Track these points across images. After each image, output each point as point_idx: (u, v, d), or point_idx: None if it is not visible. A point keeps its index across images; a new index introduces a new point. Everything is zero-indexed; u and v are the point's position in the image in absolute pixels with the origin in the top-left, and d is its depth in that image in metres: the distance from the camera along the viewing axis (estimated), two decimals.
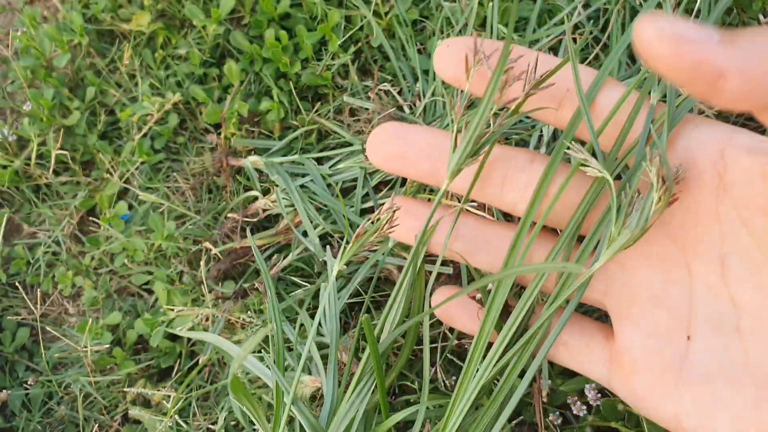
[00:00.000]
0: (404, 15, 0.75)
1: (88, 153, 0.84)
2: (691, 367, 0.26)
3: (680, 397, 0.26)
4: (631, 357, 0.28)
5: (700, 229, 0.27)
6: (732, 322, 0.26)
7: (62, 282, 0.78)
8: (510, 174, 0.32)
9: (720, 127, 0.27)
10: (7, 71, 0.90)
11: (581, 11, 0.70)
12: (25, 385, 0.77)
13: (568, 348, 0.31)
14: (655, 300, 0.28)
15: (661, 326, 0.27)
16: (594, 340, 0.30)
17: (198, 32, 0.83)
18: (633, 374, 0.28)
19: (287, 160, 0.73)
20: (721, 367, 0.25)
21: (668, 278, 0.28)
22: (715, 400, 0.25)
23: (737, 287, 0.26)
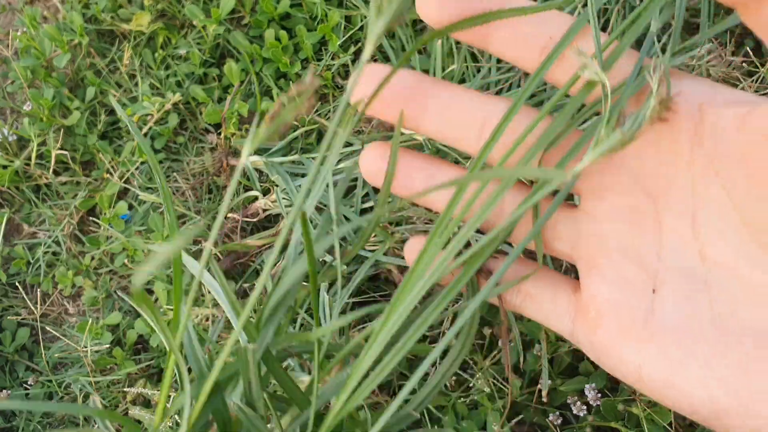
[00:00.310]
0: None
1: (88, 153, 0.84)
2: (656, 320, 0.26)
3: (644, 348, 0.26)
4: (597, 308, 0.27)
5: (673, 182, 0.26)
6: (701, 276, 0.26)
7: (62, 282, 0.78)
8: (487, 120, 0.30)
9: (702, 83, 0.27)
10: (7, 71, 0.90)
11: (581, 11, 0.70)
12: (25, 385, 0.77)
13: (533, 300, 0.30)
14: (624, 251, 0.27)
15: (628, 278, 0.27)
16: (560, 292, 0.29)
17: (198, 32, 0.83)
18: (597, 326, 0.27)
19: (287, 160, 0.73)
20: (686, 319, 0.25)
21: (638, 230, 0.27)
22: (679, 351, 0.25)
23: (707, 241, 0.26)
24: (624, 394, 0.56)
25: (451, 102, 0.31)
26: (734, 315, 0.25)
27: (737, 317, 0.25)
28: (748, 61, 0.65)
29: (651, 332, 0.26)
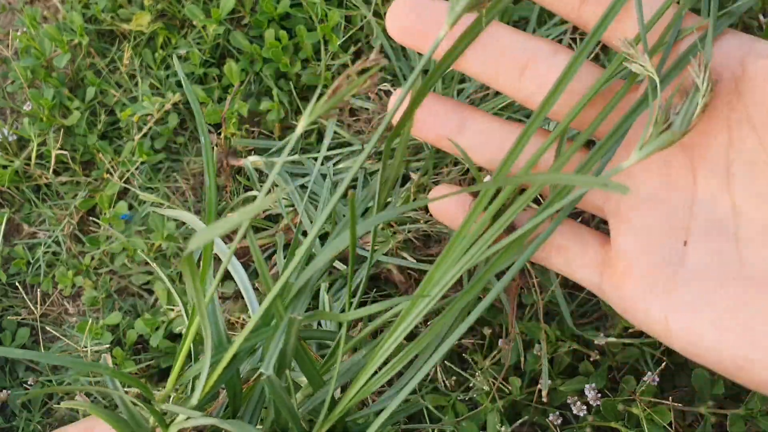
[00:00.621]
0: None
1: (88, 153, 0.84)
2: (685, 272, 0.26)
3: (672, 300, 0.26)
4: (626, 260, 0.27)
5: (710, 135, 0.26)
6: (731, 229, 0.26)
7: (62, 282, 0.78)
8: (530, 62, 0.29)
9: (743, 38, 0.27)
10: (7, 71, 0.90)
11: None
12: (25, 384, 0.77)
13: (562, 252, 0.30)
14: (656, 204, 0.27)
15: (658, 229, 0.27)
16: (589, 245, 0.30)
17: (198, 32, 0.83)
18: (626, 277, 0.27)
19: (287, 160, 0.73)
20: (714, 271, 0.26)
21: (672, 183, 0.27)
22: (705, 300, 0.25)
23: (740, 195, 0.26)
24: (624, 394, 0.56)
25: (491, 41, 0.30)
26: (762, 267, 0.25)
27: (764, 269, 0.25)
28: None
29: (679, 284, 0.26)
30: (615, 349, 0.58)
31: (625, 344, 0.58)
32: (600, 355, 0.59)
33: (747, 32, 0.75)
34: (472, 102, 0.70)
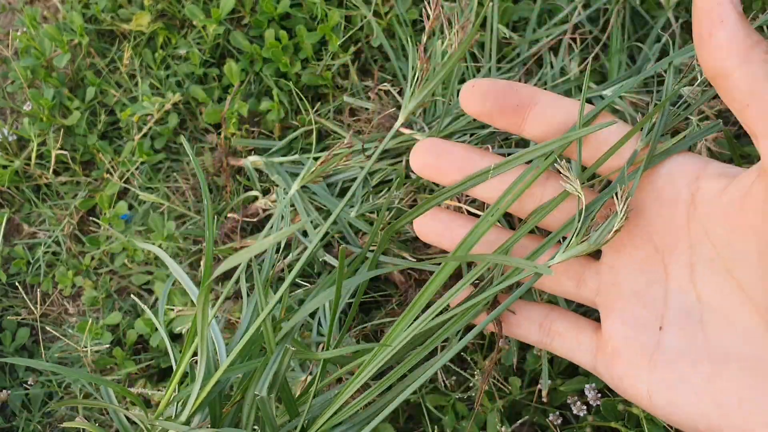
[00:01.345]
0: (404, 15, 0.75)
1: (88, 153, 0.84)
2: (661, 352, 0.32)
3: (652, 376, 0.31)
4: (614, 344, 0.33)
5: (675, 238, 0.33)
6: (697, 315, 0.31)
7: (62, 282, 0.78)
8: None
9: (698, 158, 0.34)
10: (7, 71, 0.90)
11: (581, 11, 0.70)
12: (25, 384, 0.77)
13: (561, 338, 0.36)
14: (637, 296, 0.33)
15: (639, 318, 0.33)
16: (584, 332, 0.35)
17: (198, 32, 0.83)
18: (615, 359, 0.33)
19: (287, 160, 0.73)
20: (686, 351, 0.31)
21: (649, 278, 0.33)
22: (680, 377, 0.30)
23: (702, 286, 0.31)
24: None
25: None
26: (723, 346, 0.30)
27: (726, 348, 0.30)
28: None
29: (659, 364, 0.31)
30: None
31: None
32: None
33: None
34: None
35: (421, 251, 0.67)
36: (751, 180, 0.30)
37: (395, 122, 0.68)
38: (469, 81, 0.36)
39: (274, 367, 0.33)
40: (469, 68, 0.72)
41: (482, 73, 0.71)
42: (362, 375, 0.35)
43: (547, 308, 0.37)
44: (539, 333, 0.36)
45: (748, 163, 0.66)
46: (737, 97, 0.28)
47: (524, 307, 0.37)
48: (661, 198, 0.33)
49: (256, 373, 0.34)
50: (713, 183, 0.32)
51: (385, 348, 0.34)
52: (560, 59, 0.71)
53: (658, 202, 0.33)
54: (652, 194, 0.33)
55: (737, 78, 0.28)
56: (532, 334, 0.37)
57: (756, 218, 0.28)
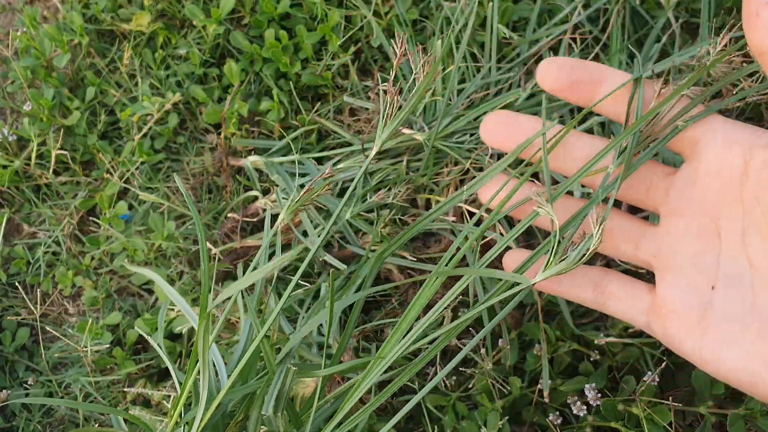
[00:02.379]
0: (404, 15, 0.75)
1: (88, 153, 0.84)
2: (713, 313, 0.34)
3: (704, 336, 0.34)
4: (669, 305, 0.36)
5: (729, 206, 0.35)
6: (748, 279, 0.33)
7: (62, 282, 0.78)
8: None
9: (751, 128, 0.35)
10: (7, 71, 0.90)
11: (581, 11, 0.70)
12: (25, 385, 0.77)
13: (617, 298, 0.38)
14: (692, 261, 0.35)
15: (693, 282, 0.35)
16: (639, 293, 0.38)
17: (198, 32, 0.83)
18: (669, 319, 0.36)
19: (287, 160, 0.73)
20: (736, 313, 0.33)
21: (704, 245, 0.35)
22: (731, 337, 0.33)
23: (753, 252, 0.33)
24: (624, 394, 0.56)
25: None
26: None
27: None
28: (748, 60, 0.65)
29: (709, 323, 0.34)
30: (615, 349, 0.58)
31: (625, 344, 0.58)
32: (600, 355, 0.59)
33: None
34: (471, 102, 0.70)
35: (421, 251, 0.67)
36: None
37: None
38: (546, 59, 0.38)
39: (277, 386, 0.36)
40: (469, 68, 0.72)
41: (482, 73, 0.71)
42: (359, 390, 0.37)
43: (602, 270, 0.39)
44: (594, 293, 0.38)
45: None
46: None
47: (580, 269, 0.38)
48: (715, 168, 0.35)
49: (260, 393, 0.37)
50: (765, 153, 0.33)
51: (379, 361, 0.36)
52: None
53: (712, 172, 0.35)
54: (705, 165, 0.35)
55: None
56: (588, 294, 0.38)
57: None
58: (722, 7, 0.72)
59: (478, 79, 0.70)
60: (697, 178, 0.36)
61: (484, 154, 0.65)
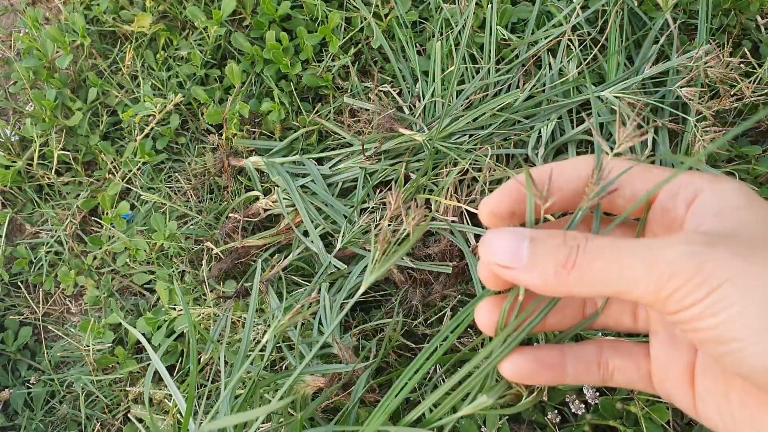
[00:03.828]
0: (404, 17, 0.76)
1: (90, 153, 0.85)
2: (699, 367, 0.33)
3: (695, 390, 0.33)
4: (659, 364, 0.35)
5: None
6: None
7: (64, 281, 0.79)
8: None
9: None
10: (9, 72, 0.90)
11: (579, 13, 0.71)
12: (27, 383, 0.77)
13: (621, 371, 0.36)
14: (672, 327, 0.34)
15: (676, 338, 0.34)
16: (639, 359, 0.36)
17: (199, 33, 0.84)
18: (663, 378, 0.35)
19: (288, 161, 0.73)
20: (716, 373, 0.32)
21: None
22: (719, 391, 0.31)
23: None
24: (622, 392, 0.57)
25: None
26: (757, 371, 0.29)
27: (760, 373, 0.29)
28: (745, 61, 0.66)
29: (697, 377, 0.32)
30: None
31: None
32: None
33: (744, 33, 0.75)
34: (470, 103, 0.70)
35: (421, 251, 0.67)
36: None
37: (395, 123, 0.68)
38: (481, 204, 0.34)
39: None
40: (469, 69, 0.72)
41: (481, 74, 0.71)
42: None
43: (596, 344, 0.37)
44: (599, 373, 0.36)
45: (746, 163, 0.66)
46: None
47: (575, 350, 0.36)
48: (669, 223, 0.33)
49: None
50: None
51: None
52: (559, 60, 0.71)
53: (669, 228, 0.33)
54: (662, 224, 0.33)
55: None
56: (593, 376, 0.36)
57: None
58: (720, 9, 0.72)
59: (477, 80, 0.71)
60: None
61: (483, 155, 0.65)
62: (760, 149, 0.66)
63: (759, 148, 0.66)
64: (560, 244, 0.29)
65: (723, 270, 0.26)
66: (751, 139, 0.71)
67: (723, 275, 0.26)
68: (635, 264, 0.27)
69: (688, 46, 0.70)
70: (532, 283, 0.29)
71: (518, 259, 0.29)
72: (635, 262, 0.27)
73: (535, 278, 0.29)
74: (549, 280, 0.29)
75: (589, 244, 0.29)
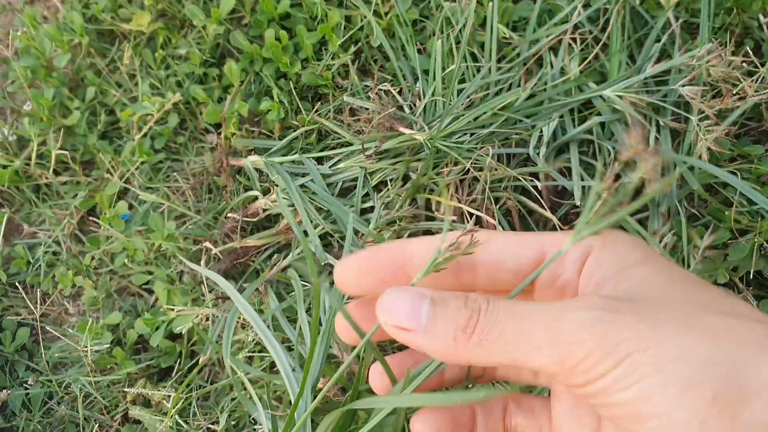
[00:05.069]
0: (404, 15, 0.75)
1: (88, 153, 0.84)
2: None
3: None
4: (557, 426, 0.31)
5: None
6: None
7: (62, 282, 0.78)
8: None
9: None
10: (7, 71, 0.90)
11: (581, 11, 0.70)
12: (25, 384, 0.77)
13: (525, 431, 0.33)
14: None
15: (584, 410, 0.30)
16: (542, 424, 0.33)
17: (198, 32, 0.83)
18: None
19: (287, 160, 0.73)
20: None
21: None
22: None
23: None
24: None
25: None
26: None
27: None
28: (748, 60, 0.66)
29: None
30: None
31: None
32: None
33: (747, 31, 0.75)
34: (471, 102, 0.70)
35: None
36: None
37: (396, 122, 0.68)
38: (337, 263, 0.32)
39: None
40: (469, 68, 0.72)
41: (482, 73, 0.71)
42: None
43: (503, 399, 0.34)
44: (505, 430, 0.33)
45: (748, 163, 0.66)
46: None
47: (485, 405, 0.33)
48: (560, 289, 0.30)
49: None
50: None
51: None
52: (560, 59, 0.71)
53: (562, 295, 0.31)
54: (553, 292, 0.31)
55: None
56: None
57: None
58: (722, 7, 0.72)
59: (478, 79, 0.70)
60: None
61: (485, 155, 0.65)
62: (762, 149, 0.66)
63: (761, 148, 0.66)
64: (461, 306, 0.27)
65: (632, 338, 0.23)
66: (753, 139, 0.70)
67: (633, 344, 0.23)
68: (536, 330, 0.25)
69: (690, 45, 0.70)
70: (432, 347, 0.27)
71: (417, 322, 0.27)
72: (537, 328, 0.25)
73: (434, 343, 0.27)
74: (449, 344, 0.27)
75: (491, 306, 0.26)
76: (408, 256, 0.31)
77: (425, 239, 0.31)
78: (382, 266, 0.31)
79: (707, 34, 0.68)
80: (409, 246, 0.31)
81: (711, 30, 0.69)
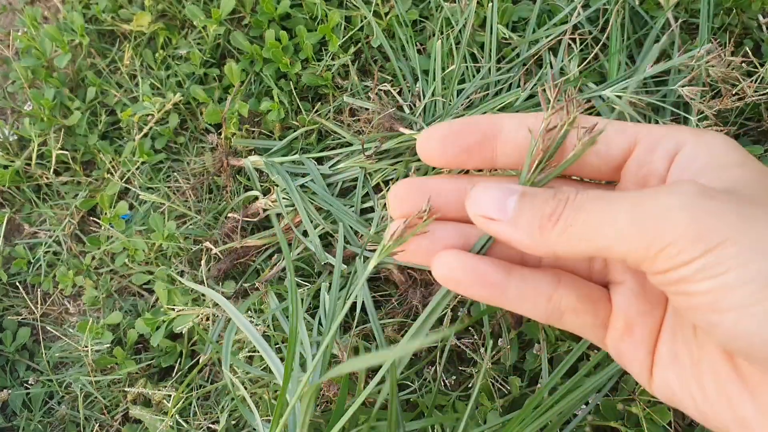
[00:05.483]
0: (404, 15, 0.75)
1: (88, 153, 0.84)
2: (663, 329, 0.29)
3: (652, 352, 0.29)
4: (623, 323, 0.30)
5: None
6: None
7: (63, 282, 0.79)
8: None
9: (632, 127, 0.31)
10: (8, 71, 0.90)
11: (581, 12, 0.70)
12: (25, 384, 0.77)
13: (575, 314, 0.32)
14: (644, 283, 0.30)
15: (651, 298, 0.30)
16: (599, 309, 0.32)
17: (198, 32, 0.83)
18: (622, 336, 0.30)
19: (287, 160, 0.73)
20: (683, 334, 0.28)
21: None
22: (677, 357, 0.28)
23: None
24: (623, 393, 0.56)
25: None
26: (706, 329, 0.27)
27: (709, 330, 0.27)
28: (747, 61, 0.66)
29: (660, 350, 0.29)
30: None
31: None
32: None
33: (746, 32, 0.75)
34: (471, 102, 0.70)
35: None
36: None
37: (396, 122, 0.68)
38: (422, 133, 0.32)
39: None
40: (469, 68, 0.72)
41: (482, 73, 0.71)
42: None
43: (554, 274, 0.32)
44: (546, 307, 0.31)
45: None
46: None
47: (525, 275, 0.31)
48: (644, 178, 0.30)
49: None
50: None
51: None
52: (560, 59, 0.71)
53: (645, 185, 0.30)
54: (636, 181, 0.30)
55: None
56: (538, 309, 0.31)
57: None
58: (721, 7, 0.72)
59: (477, 79, 0.70)
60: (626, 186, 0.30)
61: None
62: (762, 149, 0.66)
63: (760, 148, 0.66)
64: (548, 199, 0.27)
65: (724, 227, 0.22)
66: (752, 139, 0.70)
67: (724, 233, 0.22)
68: (621, 216, 0.24)
69: (689, 45, 0.70)
70: (516, 237, 0.27)
71: (504, 212, 0.28)
72: (621, 214, 0.24)
73: (519, 232, 0.27)
74: (534, 234, 0.27)
75: (578, 196, 0.26)
76: (497, 129, 0.31)
77: (516, 115, 0.31)
78: (471, 133, 0.31)
79: (707, 34, 0.68)
80: (500, 119, 0.31)
81: (710, 30, 0.69)
